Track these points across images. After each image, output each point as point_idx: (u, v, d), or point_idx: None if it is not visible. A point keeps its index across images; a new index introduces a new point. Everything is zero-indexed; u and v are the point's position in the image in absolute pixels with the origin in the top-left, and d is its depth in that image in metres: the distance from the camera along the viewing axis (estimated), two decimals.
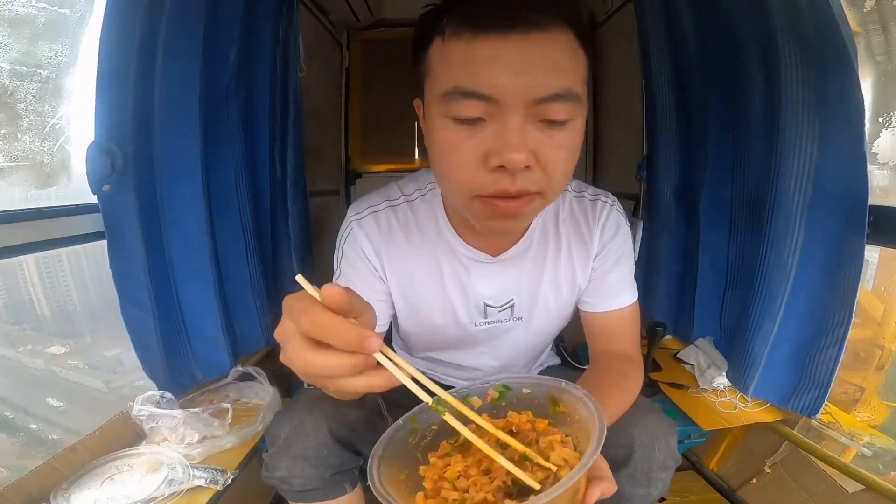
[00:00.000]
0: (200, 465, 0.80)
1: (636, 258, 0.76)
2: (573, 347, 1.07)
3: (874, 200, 0.75)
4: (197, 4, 0.84)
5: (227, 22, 0.94)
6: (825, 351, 0.84)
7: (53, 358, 1.02)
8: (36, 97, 0.78)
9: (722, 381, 1.07)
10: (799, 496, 0.96)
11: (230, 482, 0.78)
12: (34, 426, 0.93)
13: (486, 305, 0.70)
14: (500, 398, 0.44)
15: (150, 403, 0.84)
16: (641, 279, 1.05)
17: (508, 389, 0.45)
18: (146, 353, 0.84)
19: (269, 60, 1.11)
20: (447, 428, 0.42)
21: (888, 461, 0.92)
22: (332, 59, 1.84)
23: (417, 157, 2.00)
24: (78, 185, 0.78)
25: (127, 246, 0.78)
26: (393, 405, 0.73)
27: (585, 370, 0.71)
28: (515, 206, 0.50)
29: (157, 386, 0.86)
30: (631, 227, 0.73)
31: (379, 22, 1.83)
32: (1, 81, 0.74)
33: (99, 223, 0.76)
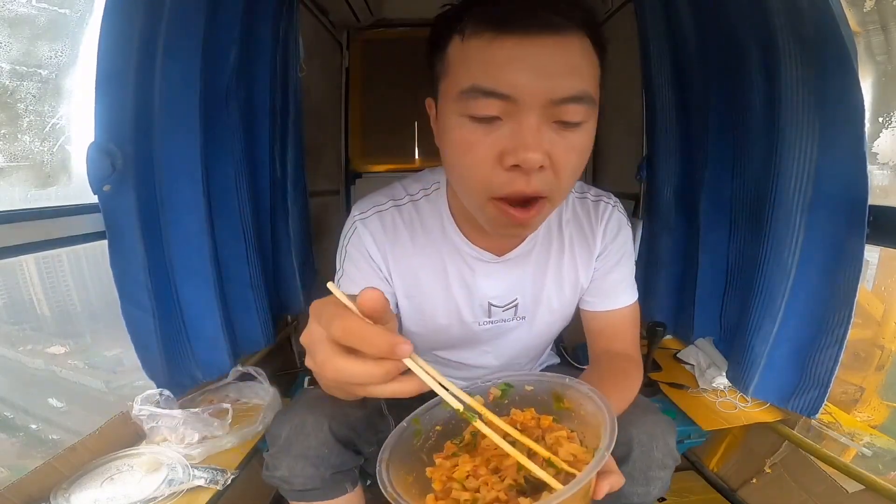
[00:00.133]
0: (200, 465, 0.80)
1: (636, 258, 0.77)
2: (573, 347, 1.07)
3: (874, 200, 0.75)
4: (197, 4, 0.84)
5: (227, 22, 0.94)
6: (825, 351, 0.84)
7: (53, 358, 1.02)
8: (36, 97, 0.78)
9: (722, 381, 1.07)
10: (799, 496, 0.96)
11: (230, 482, 0.78)
12: (34, 426, 0.93)
13: (490, 305, 0.70)
14: (502, 396, 0.44)
15: (150, 403, 0.84)
16: (641, 279, 1.05)
17: (510, 387, 0.45)
18: (146, 352, 0.84)
19: (269, 60, 1.11)
20: (451, 428, 0.42)
21: (888, 461, 0.92)
22: (332, 59, 1.84)
23: (417, 157, 2.00)
24: (78, 185, 0.77)
25: (127, 246, 0.78)
26: (394, 404, 0.73)
27: (585, 369, 0.71)
28: (528, 216, 0.51)
29: (156, 386, 0.86)
30: (631, 227, 0.73)
31: (379, 22, 1.83)
32: (1, 81, 0.74)
33: (99, 223, 0.76)
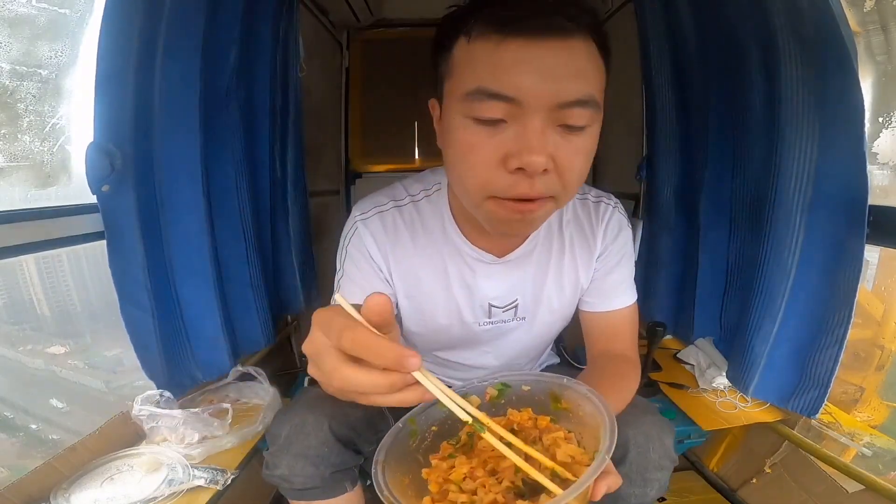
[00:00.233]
0: (200, 465, 0.80)
1: (636, 258, 0.77)
2: (573, 347, 1.07)
3: (874, 200, 0.75)
4: (197, 4, 0.84)
5: (227, 22, 0.93)
6: (825, 351, 0.84)
7: (53, 358, 1.02)
8: (36, 97, 0.78)
9: (722, 381, 1.07)
10: (799, 496, 0.96)
11: (230, 482, 0.78)
12: (34, 426, 0.93)
13: (490, 306, 0.70)
14: (499, 396, 0.44)
15: (150, 403, 0.84)
16: (641, 279, 1.05)
17: (507, 387, 0.44)
18: (146, 353, 0.84)
19: (269, 60, 1.11)
20: (447, 428, 0.42)
21: (888, 461, 0.92)
22: (332, 59, 1.84)
23: (417, 157, 1.99)
24: (78, 185, 0.77)
25: (126, 246, 0.78)
26: None
27: (583, 370, 0.71)
28: (531, 207, 0.50)
29: (156, 386, 0.86)
30: (631, 227, 0.73)
31: (379, 22, 1.83)
32: (1, 81, 0.74)
33: (99, 223, 0.76)
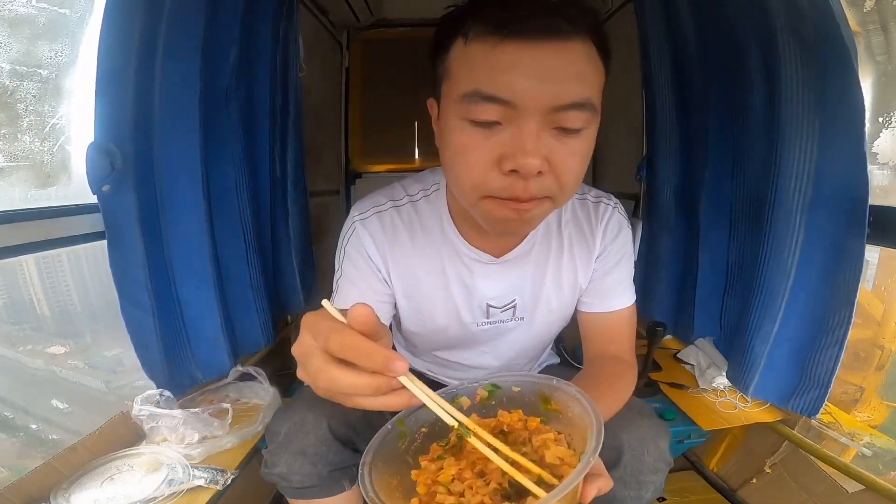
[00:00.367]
0: (200, 465, 0.80)
1: (635, 258, 0.76)
2: (573, 347, 1.07)
3: (874, 200, 0.75)
4: (197, 4, 0.84)
5: (227, 22, 0.94)
6: (825, 351, 0.84)
7: (53, 358, 1.02)
8: (36, 97, 0.78)
9: (722, 381, 1.07)
10: (799, 496, 0.96)
11: (230, 482, 0.78)
12: (34, 426, 0.93)
13: (488, 306, 0.70)
14: (489, 397, 0.44)
15: (150, 403, 0.84)
16: (641, 279, 1.05)
17: (498, 388, 0.44)
18: (146, 353, 0.84)
19: (269, 60, 1.11)
20: (437, 430, 0.41)
21: (888, 461, 0.92)
22: (332, 59, 1.84)
23: (417, 157, 1.99)
24: (78, 185, 0.77)
25: (127, 246, 0.78)
26: None
27: (580, 370, 0.71)
28: (527, 206, 0.50)
29: (156, 386, 0.86)
30: (631, 227, 0.73)
31: (379, 22, 1.83)
32: (1, 81, 0.74)
33: (99, 223, 0.76)
